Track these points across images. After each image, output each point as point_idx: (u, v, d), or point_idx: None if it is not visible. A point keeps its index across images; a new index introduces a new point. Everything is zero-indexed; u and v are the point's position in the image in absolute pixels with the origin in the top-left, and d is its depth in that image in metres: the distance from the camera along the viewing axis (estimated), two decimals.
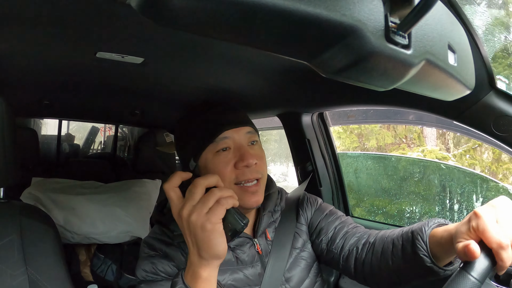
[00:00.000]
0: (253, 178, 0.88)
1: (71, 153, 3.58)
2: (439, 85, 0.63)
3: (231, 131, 0.89)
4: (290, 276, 0.97)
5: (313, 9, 0.37)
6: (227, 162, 0.87)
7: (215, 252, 0.68)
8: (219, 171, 0.86)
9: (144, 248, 0.92)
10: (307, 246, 1.03)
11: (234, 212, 0.71)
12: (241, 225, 0.71)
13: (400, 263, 0.82)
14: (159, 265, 0.88)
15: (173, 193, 0.72)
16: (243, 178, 0.87)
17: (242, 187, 0.88)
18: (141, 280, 0.88)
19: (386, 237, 0.89)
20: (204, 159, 0.89)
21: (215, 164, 0.87)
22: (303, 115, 1.57)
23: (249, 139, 0.91)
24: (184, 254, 0.89)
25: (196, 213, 0.67)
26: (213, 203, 0.68)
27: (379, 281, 0.89)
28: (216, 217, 0.67)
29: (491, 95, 0.86)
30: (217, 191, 0.68)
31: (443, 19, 0.58)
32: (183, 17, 0.35)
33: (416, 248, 0.76)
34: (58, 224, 1.79)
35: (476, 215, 0.58)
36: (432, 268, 0.74)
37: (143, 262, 0.89)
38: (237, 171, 0.87)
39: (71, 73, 1.33)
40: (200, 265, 0.70)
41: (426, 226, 0.76)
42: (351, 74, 0.47)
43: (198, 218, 0.67)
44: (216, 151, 0.88)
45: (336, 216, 1.04)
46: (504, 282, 1.04)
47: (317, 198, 1.11)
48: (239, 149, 0.88)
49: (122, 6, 0.69)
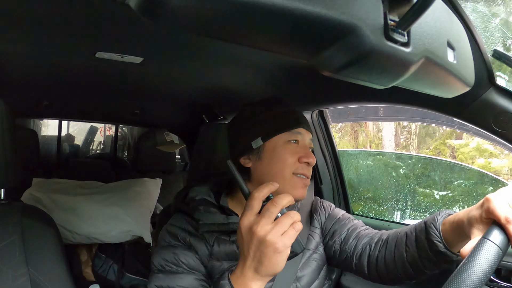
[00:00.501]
0: (308, 175, 0.94)
1: (71, 154, 3.58)
2: (439, 82, 0.63)
3: (304, 130, 0.95)
4: (302, 276, 0.99)
5: (312, 8, 0.37)
6: (294, 153, 0.92)
7: (274, 271, 0.70)
8: (285, 158, 0.91)
9: (165, 236, 0.92)
10: (319, 248, 1.05)
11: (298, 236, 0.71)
12: (302, 249, 0.73)
13: (414, 253, 0.85)
14: (182, 256, 0.88)
15: (258, 206, 0.71)
16: (302, 171, 0.92)
17: (299, 177, 0.92)
18: (158, 269, 0.87)
19: (398, 232, 0.93)
20: (274, 143, 0.92)
21: (284, 151, 0.92)
22: (303, 113, 1.57)
23: (310, 144, 0.97)
24: (208, 245, 0.90)
25: (273, 234, 0.67)
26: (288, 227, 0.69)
27: (393, 275, 0.91)
28: (290, 241, 0.68)
29: (491, 92, 0.86)
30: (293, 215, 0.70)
31: (442, 17, 0.58)
32: (182, 16, 0.35)
33: (430, 236, 0.79)
34: (59, 224, 1.79)
35: (487, 199, 0.62)
36: (446, 253, 0.78)
37: (163, 251, 0.89)
38: (299, 164, 0.92)
39: (70, 73, 1.33)
40: (253, 279, 0.70)
41: (438, 216, 0.81)
42: (351, 72, 0.47)
43: (274, 239, 0.67)
44: (287, 140, 0.93)
45: (349, 220, 1.07)
46: (505, 278, 1.04)
47: (330, 204, 1.15)
48: (305, 147, 0.94)
49: (121, 6, 0.68)
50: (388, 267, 0.91)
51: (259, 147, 0.93)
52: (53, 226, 1.13)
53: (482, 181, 2.75)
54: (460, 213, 0.74)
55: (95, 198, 2.15)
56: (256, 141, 0.93)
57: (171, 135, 2.70)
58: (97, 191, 2.25)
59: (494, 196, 0.61)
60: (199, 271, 0.88)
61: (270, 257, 0.68)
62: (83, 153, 3.99)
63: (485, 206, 0.62)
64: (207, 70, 1.21)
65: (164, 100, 1.88)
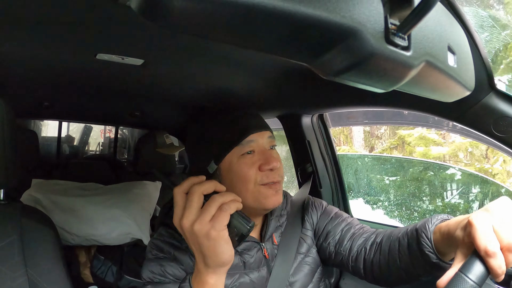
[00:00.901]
0: (276, 180, 0.90)
1: (71, 155, 3.58)
2: (439, 87, 0.63)
3: (255, 135, 0.90)
4: (294, 281, 0.97)
5: (313, 11, 0.37)
6: (252, 164, 0.88)
7: (221, 260, 0.68)
8: (245, 173, 0.87)
9: (152, 249, 0.91)
10: (311, 251, 1.03)
11: (238, 216, 0.69)
12: (247, 228, 0.69)
13: (407, 261, 0.83)
14: (168, 267, 0.87)
15: (180, 199, 0.70)
16: (268, 180, 0.88)
17: (266, 186, 0.88)
18: (147, 281, 0.87)
19: (392, 236, 0.90)
20: (228, 162, 0.89)
21: (241, 167, 0.87)
22: (303, 117, 1.57)
23: (269, 143, 0.93)
24: (192, 257, 0.89)
25: (199, 222, 0.66)
26: (215, 210, 0.67)
27: (389, 279, 0.90)
28: (220, 224, 0.66)
29: (491, 96, 0.87)
30: (218, 197, 0.68)
31: (442, 21, 0.58)
32: (183, 18, 0.35)
33: (421, 246, 0.77)
34: (58, 225, 1.79)
35: (470, 223, 0.58)
36: (439, 263, 0.75)
37: (150, 264, 0.89)
38: (262, 173, 0.88)
39: (71, 74, 1.33)
40: (207, 273, 0.69)
41: (430, 223, 0.77)
42: (351, 76, 0.47)
43: (201, 227, 0.66)
44: (241, 154, 0.88)
45: (342, 219, 1.04)
46: (504, 282, 1.04)
47: (322, 202, 1.12)
48: (263, 153, 0.90)
49: (122, 8, 0.69)
50: (383, 271, 0.90)
51: (216, 170, 0.90)
52: (52, 227, 1.13)
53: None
54: (450, 223, 0.70)
55: (94, 200, 2.15)
56: (211, 165, 0.90)
57: (171, 137, 2.70)
58: (97, 193, 2.24)
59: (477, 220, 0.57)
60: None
61: (208, 246, 0.66)
62: (82, 154, 3.99)
63: (467, 230, 0.58)
64: (207, 73, 1.21)
65: (164, 102, 1.88)
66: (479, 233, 0.55)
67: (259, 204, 0.88)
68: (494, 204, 0.60)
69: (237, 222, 0.69)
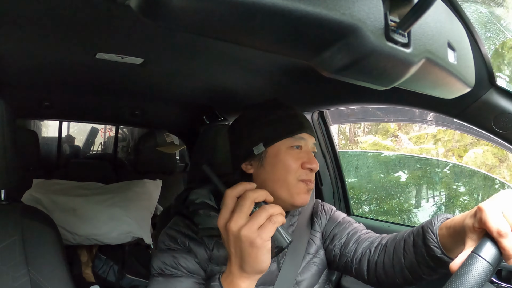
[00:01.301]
0: (312, 181, 0.92)
1: (72, 155, 3.58)
2: (439, 83, 0.63)
3: (307, 135, 0.93)
4: (302, 280, 0.98)
5: (313, 9, 0.37)
6: (297, 159, 0.90)
7: (259, 267, 0.69)
8: (289, 164, 0.89)
9: (164, 239, 0.91)
10: (319, 252, 1.04)
11: (282, 230, 0.71)
12: (287, 243, 0.71)
13: (412, 258, 0.84)
14: (182, 260, 0.87)
15: (231, 202, 0.71)
16: (306, 177, 0.90)
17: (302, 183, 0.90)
18: (158, 272, 0.87)
19: (397, 237, 0.92)
20: (277, 149, 0.91)
21: (287, 157, 0.90)
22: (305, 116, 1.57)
23: (313, 149, 0.95)
24: (207, 250, 0.90)
25: (247, 229, 0.67)
26: (264, 220, 0.68)
27: (392, 280, 0.91)
28: (267, 235, 0.67)
29: (491, 93, 0.86)
30: (269, 208, 0.69)
31: (442, 17, 0.58)
32: (183, 17, 0.35)
33: (427, 240, 0.78)
34: (59, 225, 1.79)
35: (480, 209, 0.59)
36: (443, 258, 0.76)
37: (163, 254, 0.88)
38: (302, 170, 0.90)
39: (71, 74, 1.33)
40: (240, 277, 0.71)
41: (436, 220, 0.79)
42: (351, 73, 0.47)
43: (249, 234, 0.67)
44: (290, 146, 0.91)
45: (349, 223, 1.06)
46: (506, 279, 1.04)
47: (331, 207, 1.14)
48: (308, 153, 0.92)
49: (122, 7, 0.69)
50: (387, 272, 0.91)
51: (261, 153, 0.91)
52: (53, 227, 1.13)
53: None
54: (456, 218, 0.72)
55: (95, 199, 2.15)
56: (258, 147, 0.91)
57: (171, 136, 2.70)
58: (98, 192, 2.25)
59: (487, 205, 0.59)
60: (198, 274, 0.88)
61: (250, 253, 0.67)
62: (83, 154, 4.00)
63: (478, 216, 0.59)
64: (207, 71, 1.21)
65: (164, 101, 1.88)
66: (491, 216, 0.57)
67: (291, 197, 0.89)
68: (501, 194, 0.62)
69: (280, 235, 0.71)
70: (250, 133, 0.94)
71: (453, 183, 4.40)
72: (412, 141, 7.52)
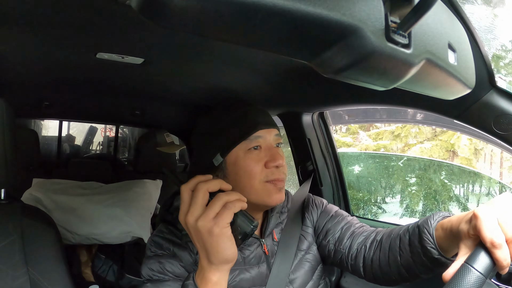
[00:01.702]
0: (281, 178, 0.90)
1: (72, 154, 3.58)
2: (440, 84, 0.62)
3: (264, 131, 0.90)
4: (295, 278, 0.97)
5: (313, 9, 0.37)
6: (258, 161, 0.88)
7: (224, 256, 0.68)
8: (251, 169, 0.87)
9: (151, 246, 0.91)
10: (312, 248, 1.03)
11: (243, 215, 0.70)
12: (250, 227, 0.70)
13: (408, 257, 0.83)
14: (167, 265, 0.87)
15: (186, 196, 0.71)
16: (272, 177, 0.88)
17: (271, 183, 0.88)
18: (147, 279, 0.87)
19: (392, 233, 0.90)
20: (235, 156, 0.88)
21: (247, 162, 0.87)
22: (303, 115, 1.57)
23: (276, 141, 0.92)
24: (192, 254, 0.89)
25: (203, 218, 0.67)
26: (219, 208, 0.67)
27: (389, 277, 0.90)
28: (223, 222, 0.67)
29: (492, 94, 0.86)
30: (223, 196, 0.68)
31: (443, 18, 0.58)
32: (183, 17, 0.35)
33: (423, 241, 0.77)
34: (59, 224, 1.79)
35: (475, 216, 0.58)
36: (440, 259, 0.75)
37: (149, 261, 0.89)
38: (267, 170, 0.88)
39: (71, 73, 1.33)
40: (210, 270, 0.70)
41: (432, 219, 0.78)
42: (352, 74, 0.47)
43: (205, 224, 0.67)
44: (248, 149, 0.88)
45: (342, 217, 1.04)
46: (506, 281, 1.04)
47: (322, 200, 1.12)
48: (269, 149, 0.90)
49: (122, 7, 0.69)
50: (383, 269, 0.90)
51: (221, 163, 0.90)
52: (53, 226, 1.13)
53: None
54: (453, 219, 0.70)
55: (95, 199, 2.15)
56: (216, 158, 0.89)
57: (171, 136, 2.70)
58: (98, 192, 2.25)
59: (482, 212, 0.57)
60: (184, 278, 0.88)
61: (211, 242, 0.67)
62: (83, 154, 4.00)
63: (473, 223, 0.58)
64: (207, 71, 1.21)
65: (164, 101, 1.88)
66: (485, 225, 0.56)
67: (262, 200, 0.88)
68: (498, 199, 0.60)
69: (241, 221, 0.70)
70: (206, 145, 0.92)
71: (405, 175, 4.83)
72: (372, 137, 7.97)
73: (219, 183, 0.71)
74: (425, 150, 7.20)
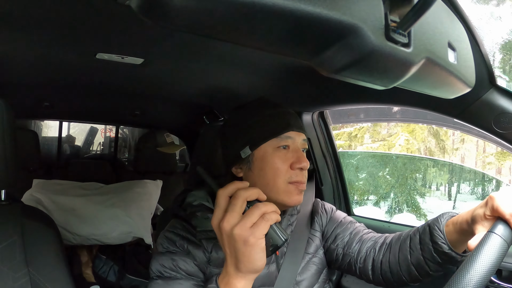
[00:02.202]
0: (303, 181, 0.91)
1: (72, 155, 3.58)
2: (440, 83, 0.63)
3: (295, 133, 0.91)
4: (301, 280, 0.98)
5: (313, 9, 0.37)
6: (285, 160, 0.89)
7: (254, 266, 0.68)
8: (277, 167, 0.88)
9: (163, 242, 0.91)
10: (319, 252, 1.04)
11: (276, 227, 0.70)
12: (282, 241, 0.70)
13: (418, 255, 0.85)
14: (181, 262, 0.87)
15: (223, 202, 0.71)
16: (296, 178, 0.89)
17: (293, 185, 0.89)
18: (157, 275, 0.86)
19: (402, 235, 0.93)
20: (263, 151, 0.89)
21: (274, 159, 0.88)
22: (303, 114, 1.57)
23: (303, 146, 0.94)
24: (206, 252, 0.89)
25: (240, 227, 0.66)
26: (257, 218, 0.67)
27: (398, 278, 0.91)
28: (260, 232, 0.67)
29: (492, 93, 0.86)
30: (261, 206, 0.68)
31: (442, 17, 0.58)
32: (183, 17, 0.35)
33: (434, 237, 0.80)
34: (59, 225, 1.79)
35: (491, 197, 0.65)
36: (450, 254, 0.78)
37: (161, 257, 0.88)
38: (291, 171, 0.89)
39: (71, 74, 1.33)
40: (236, 277, 0.70)
41: (442, 218, 0.82)
42: (352, 73, 0.47)
43: (241, 232, 0.66)
44: (277, 147, 0.89)
45: (351, 223, 1.06)
46: (507, 279, 1.04)
47: (332, 206, 1.14)
48: (296, 151, 0.91)
49: (122, 7, 0.69)
50: (393, 270, 0.91)
51: (248, 156, 0.90)
52: (53, 227, 1.13)
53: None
54: (463, 214, 0.75)
55: (95, 199, 2.15)
56: (245, 150, 0.90)
57: (171, 136, 2.70)
58: (98, 192, 2.25)
59: (498, 194, 0.65)
60: (197, 277, 0.87)
61: (244, 251, 0.67)
62: (83, 154, 4.00)
63: (489, 204, 0.65)
64: (207, 71, 1.21)
65: (164, 101, 1.88)
66: (503, 202, 0.63)
67: (282, 200, 0.88)
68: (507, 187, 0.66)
69: (274, 233, 0.69)
70: (236, 136, 0.93)
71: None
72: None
73: (257, 192, 0.71)
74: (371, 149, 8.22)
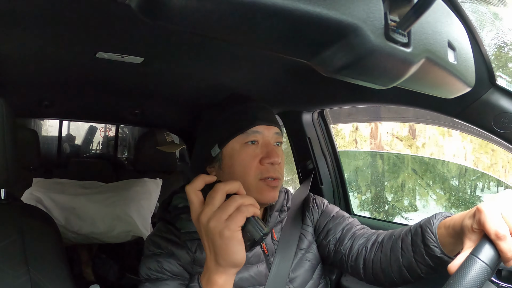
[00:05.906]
0: (276, 176, 0.89)
1: (72, 154, 3.58)
2: (439, 83, 0.63)
3: (263, 127, 0.90)
4: (295, 277, 0.97)
5: (313, 8, 0.37)
6: (254, 156, 0.88)
7: (232, 260, 0.67)
8: (246, 163, 0.87)
9: (149, 245, 0.92)
10: (312, 247, 1.03)
11: (255, 221, 0.68)
12: (260, 235, 0.68)
13: (410, 258, 0.83)
14: (165, 264, 0.87)
15: (195, 197, 0.70)
16: (267, 174, 0.87)
17: (264, 181, 0.88)
18: (145, 278, 0.87)
19: (394, 234, 0.90)
20: (231, 148, 0.89)
21: (242, 156, 0.87)
22: (303, 114, 1.57)
23: (275, 139, 0.92)
24: (190, 252, 0.89)
25: (215, 219, 0.66)
26: (233, 210, 0.66)
27: (390, 279, 0.89)
28: (235, 225, 0.66)
29: (492, 92, 0.86)
30: (238, 198, 0.67)
31: (442, 17, 0.58)
32: (183, 17, 0.35)
33: (426, 240, 0.77)
34: (59, 224, 1.79)
35: (478, 210, 0.59)
36: (443, 258, 0.75)
37: (148, 260, 0.89)
38: (262, 167, 0.88)
39: (71, 73, 1.33)
40: (216, 272, 0.69)
41: (434, 219, 0.78)
42: (351, 73, 0.47)
43: (217, 225, 0.65)
44: (244, 142, 0.88)
45: (343, 218, 1.04)
46: (506, 279, 1.04)
47: (323, 200, 1.12)
48: (266, 146, 0.89)
49: (122, 6, 0.68)
50: (384, 270, 0.89)
51: (217, 154, 0.90)
52: (53, 226, 1.13)
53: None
54: (455, 217, 0.71)
55: (95, 198, 2.15)
56: (214, 148, 0.89)
57: (171, 135, 2.69)
58: (98, 191, 2.24)
59: (486, 206, 0.58)
60: (183, 276, 0.88)
61: (221, 245, 0.66)
62: (83, 153, 4.00)
63: (476, 217, 0.59)
64: (207, 70, 1.21)
65: (164, 100, 1.88)
66: (489, 217, 0.57)
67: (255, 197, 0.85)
68: (500, 194, 0.61)
69: (252, 227, 0.68)
70: (207, 135, 0.92)
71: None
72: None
73: (237, 186, 0.70)
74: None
